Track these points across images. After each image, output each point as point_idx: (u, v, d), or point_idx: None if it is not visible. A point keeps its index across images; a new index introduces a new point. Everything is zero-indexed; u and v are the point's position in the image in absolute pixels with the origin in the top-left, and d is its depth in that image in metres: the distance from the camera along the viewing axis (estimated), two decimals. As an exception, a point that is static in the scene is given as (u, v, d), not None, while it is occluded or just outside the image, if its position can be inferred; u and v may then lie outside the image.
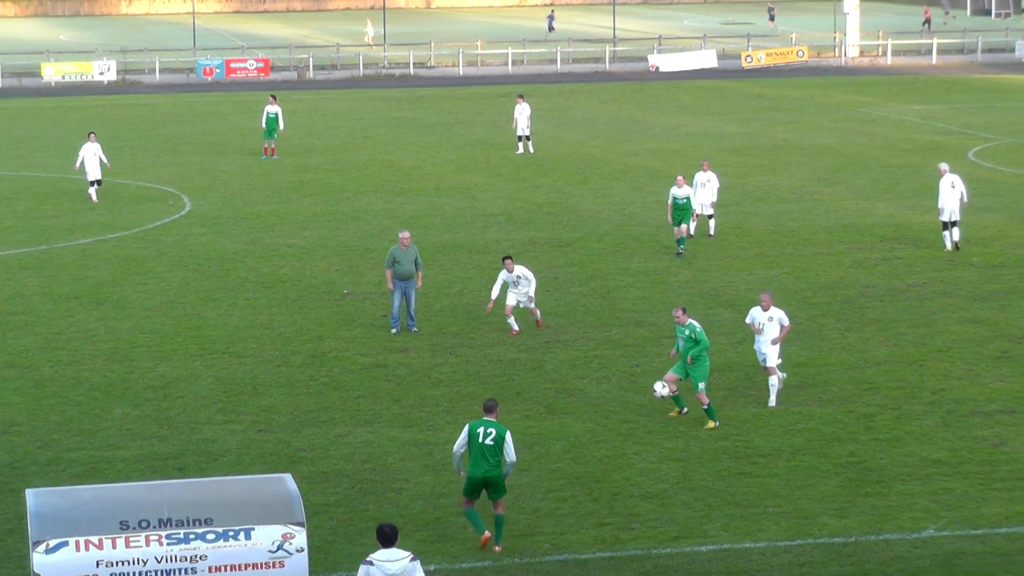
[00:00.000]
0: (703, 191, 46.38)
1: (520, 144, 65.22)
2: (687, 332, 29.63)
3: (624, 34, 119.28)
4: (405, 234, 36.52)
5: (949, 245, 44.75)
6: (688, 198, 44.07)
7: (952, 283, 40.76)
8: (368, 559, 19.13)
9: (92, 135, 54.95)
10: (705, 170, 46.88)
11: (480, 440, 23.39)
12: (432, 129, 73.93)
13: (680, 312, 29.89)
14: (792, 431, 29.00)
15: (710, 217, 46.66)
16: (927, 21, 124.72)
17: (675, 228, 44.28)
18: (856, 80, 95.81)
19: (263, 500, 19.80)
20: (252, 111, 70.94)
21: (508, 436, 23.50)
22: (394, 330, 36.11)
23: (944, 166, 45.84)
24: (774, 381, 30.28)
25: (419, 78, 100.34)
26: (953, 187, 44.68)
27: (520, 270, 35.93)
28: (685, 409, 29.80)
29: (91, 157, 53.83)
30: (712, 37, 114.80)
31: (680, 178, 44.60)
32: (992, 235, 46.96)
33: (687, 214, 44.22)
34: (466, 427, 23.65)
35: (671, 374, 29.73)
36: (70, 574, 18.82)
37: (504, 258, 36.44)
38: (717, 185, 46.84)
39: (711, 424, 29.24)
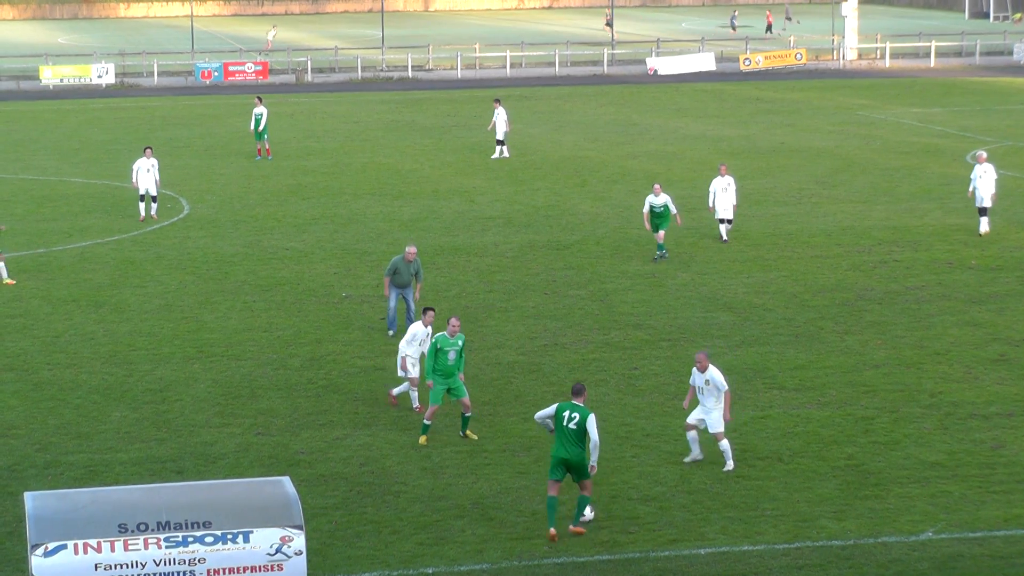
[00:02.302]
0: (724, 196, 45.99)
1: (504, 148, 65.26)
2: (459, 343, 28.68)
3: (622, 37, 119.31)
4: (412, 249, 36.18)
5: (983, 229, 47.53)
6: (665, 206, 43.59)
7: (950, 286, 40.78)
8: None
9: (148, 150, 52.18)
10: (723, 175, 46.31)
11: (564, 423, 24.11)
12: (430, 132, 73.96)
13: (457, 321, 28.85)
14: (790, 434, 29.01)
15: (729, 221, 46.31)
16: (769, 27, 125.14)
17: (655, 234, 44.04)
18: (854, 83, 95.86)
19: (261, 503, 19.81)
20: (250, 114, 70.87)
21: (591, 419, 24.09)
22: (391, 332, 36.11)
23: (982, 154, 48.54)
24: (725, 445, 27.07)
25: (417, 81, 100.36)
26: (983, 176, 47.50)
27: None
28: (423, 439, 28.77)
29: (145, 173, 51.02)
30: (710, 40, 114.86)
31: (657, 187, 44.12)
32: (990, 238, 46.99)
33: (665, 221, 43.79)
34: (555, 405, 24.45)
35: (434, 406, 28.62)
36: (68, 577, 18.84)
37: (426, 309, 30.72)
38: (735, 188, 46.48)
39: (471, 435, 28.70)
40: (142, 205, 51.36)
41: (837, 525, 24.66)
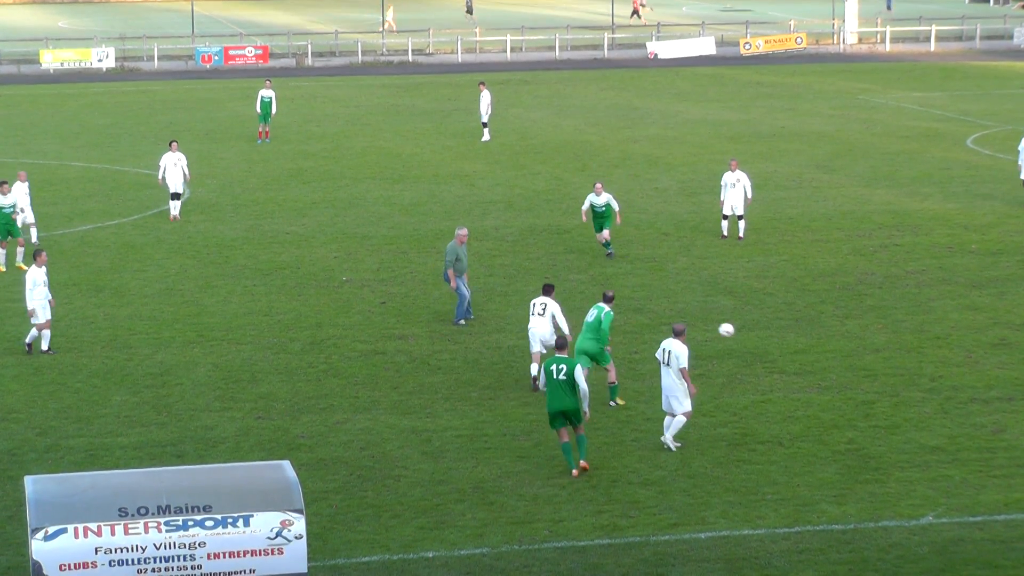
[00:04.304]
0: (732, 192, 44.38)
1: (486, 131, 65.30)
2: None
3: (622, 21, 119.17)
4: (464, 231, 36.08)
5: None
6: (607, 205, 41.89)
7: (951, 270, 40.77)
8: None
9: (174, 144, 49.40)
10: (733, 170, 44.65)
11: (554, 376, 25.76)
12: (430, 116, 73.90)
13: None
14: (790, 418, 29.01)
15: (740, 218, 44.68)
16: (635, 12, 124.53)
17: (597, 234, 42.59)
18: (854, 67, 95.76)
19: (262, 487, 19.81)
20: (251, 98, 70.88)
21: (578, 369, 25.79)
22: (463, 322, 35.72)
23: None
24: (683, 420, 27.33)
25: (417, 65, 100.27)
26: None
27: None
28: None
29: (172, 168, 48.23)
30: (710, 24, 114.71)
31: (599, 185, 42.43)
32: (991, 222, 46.97)
33: (607, 220, 42.09)
34: (541, 368, 26.29)
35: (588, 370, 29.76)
36: (69, 561, 18.85)
37: (547, 287, 31.52)
38: (749, 184, 44.72)
39: (621, 401, 30.00)
40: (173, 203, 48.59)
41: (837, 509, 24.67)
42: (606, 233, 42.45)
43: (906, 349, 33.56)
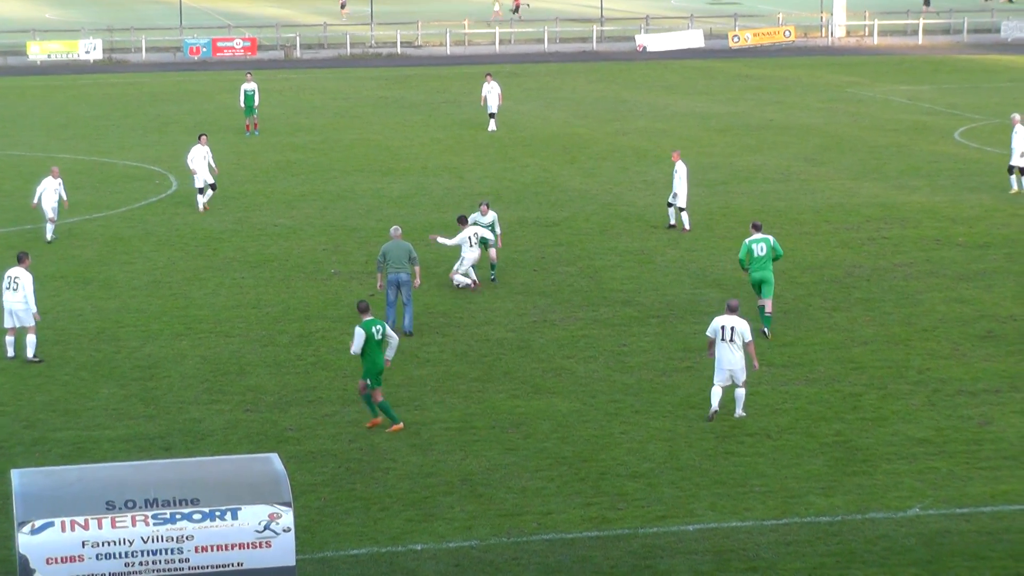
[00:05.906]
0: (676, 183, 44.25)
1: (492, 122, 65.50)
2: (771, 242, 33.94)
3: (611, 14, 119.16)
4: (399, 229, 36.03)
5: (1015, 187, 50.04)
6: (491, 225, 39.59)
7: (938, 263, 40.83)
8: None
9: (203, 137, 49.82)
10: (675, 161, 44.35)
11: (376, 337, 27.93)
12: (419, 108, 73.85)
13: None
14: (778, 410, 29.04)
15: (681, 210, 44.53)
16: (517, 8, 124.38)
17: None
18: (843, 60, 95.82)
19: (250, 480, 19.78)
20: (238, 90, 70.75)
21: (386, 325, 28.39)
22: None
23: (1016, 116, 50.28)
24: (741, 394, 28.39)
25: (406, 57, 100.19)
26: (1017, 134, 49.62)
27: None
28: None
29: (200, 161, 48.29)
30: (699, 17, 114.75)
31: (484, 205, 39.96)
32: (978, 215, 47.02)
33: (492, 239, 39.32)
34: (359, 330, 27.87)
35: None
36: (56, 555, 18.81)
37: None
38: (682, 175, 44.02)
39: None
40: (201, 198, 48.58)
41: (825, 501, 24.71)
42: (492, 253, 39.25)
43: (894, 342, 33.61)
